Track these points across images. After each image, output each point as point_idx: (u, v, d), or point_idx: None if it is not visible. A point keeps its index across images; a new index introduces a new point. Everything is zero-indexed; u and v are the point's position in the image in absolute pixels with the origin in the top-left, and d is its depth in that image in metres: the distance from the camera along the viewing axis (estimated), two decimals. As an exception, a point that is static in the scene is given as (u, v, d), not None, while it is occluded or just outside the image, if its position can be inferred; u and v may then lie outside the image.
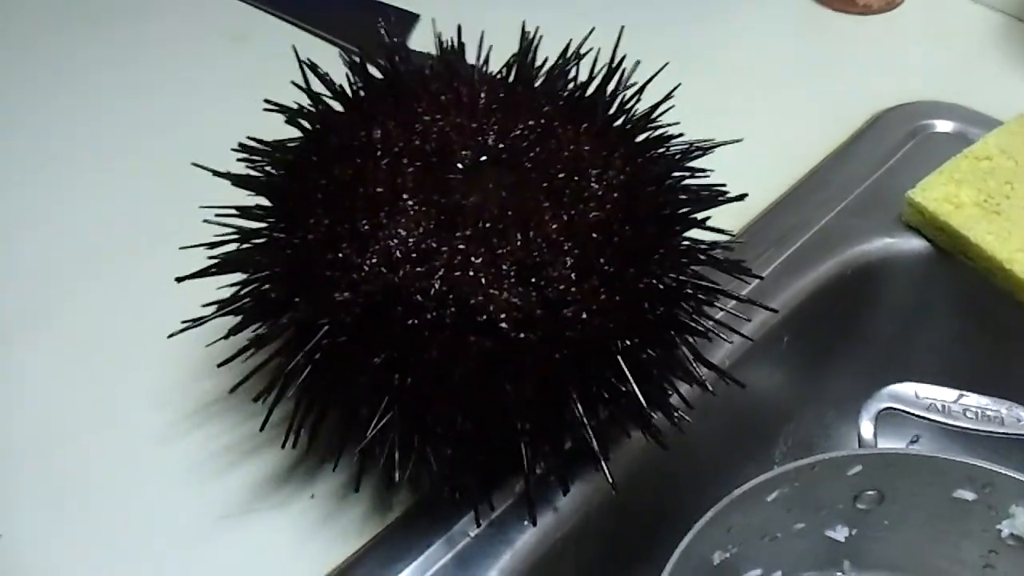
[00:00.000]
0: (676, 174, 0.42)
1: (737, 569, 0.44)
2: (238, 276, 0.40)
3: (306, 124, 0.41)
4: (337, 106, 0.42)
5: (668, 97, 0.43)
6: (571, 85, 0.43)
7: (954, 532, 0.45)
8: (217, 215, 0.40)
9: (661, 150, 0.42)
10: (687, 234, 0.41)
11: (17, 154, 0.60)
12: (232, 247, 0.40)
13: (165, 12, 0.70)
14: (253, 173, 0.41)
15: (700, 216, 0.41)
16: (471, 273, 0.36)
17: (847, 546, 0.46)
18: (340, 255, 0.36)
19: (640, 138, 0.42)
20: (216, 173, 0.41)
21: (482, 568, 0.40)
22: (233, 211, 0.40)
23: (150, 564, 0.42)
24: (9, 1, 0.71)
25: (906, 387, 0.45)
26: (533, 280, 0.36)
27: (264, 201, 0.41)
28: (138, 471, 0.44)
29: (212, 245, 0.40)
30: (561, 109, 0.41)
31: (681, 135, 0.42)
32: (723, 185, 0.42)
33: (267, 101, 0.41)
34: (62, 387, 0.48)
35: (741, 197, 0.41)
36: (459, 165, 0.39)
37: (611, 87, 0.42)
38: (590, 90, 0.42)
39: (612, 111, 0.42)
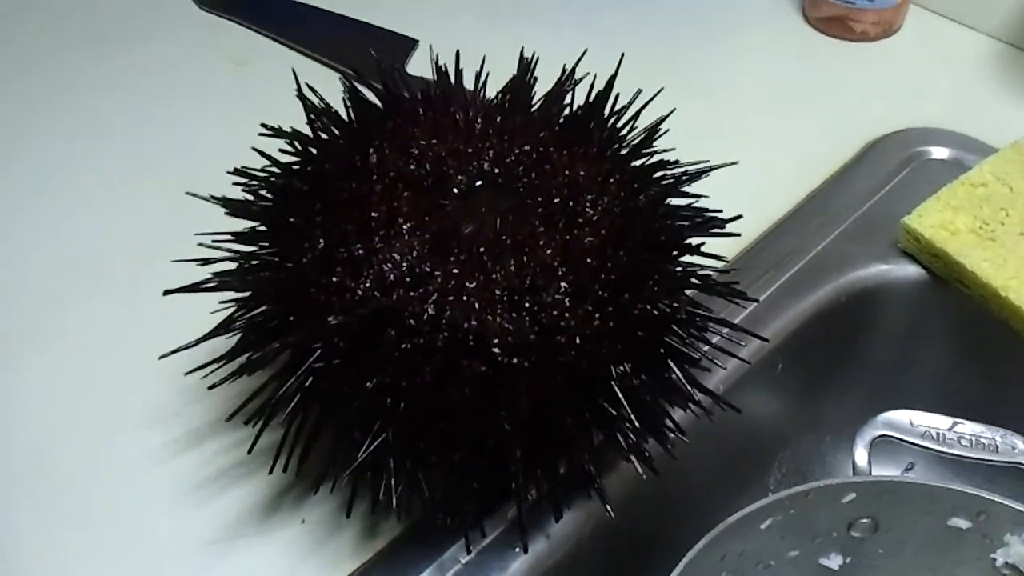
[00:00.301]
0: (671, 200, 0.42)
1: (731, 597, 0.43)
2: (233, 295, 0.40)
3: (303, 148, 0.41)
4: (335, 130, 0.42)
5: (662, 120, 0.43)
6: (567, 111, 0.43)
7: (948, 561, 0.44)
8: (214, 241, 0.40)
9: (657, 175, 0.42)
10: (682, 259, 0.41)
11: (19, 174, 0.60)
12: (230, 265, 0.40)
13: (167, 36, 0.70)
14: (249, 197, 0.41)
15: (695, 242, 0.41)
16: (465, 298, 0.36)
17: (841, 574, 0.45)
18: (334, 279, 0.36)
19: (635, 163, 0.42)
20: (213, 199, 0.41)
21: (474, 594, 0.40)
22: (229, 236, 0.40)
23: (141, 588, 0.41)
24: (11, 23, 0.72)
25: (901, 414, 0.45)
26: (527, 305, 0.36)
27: (260, 225, 0.41)
28: (130, 493, 0.44)
29: (205, 261, 0.40)
30: (557, 134, 0.41)
31: (676, 161, 0.42)
32: (719, 211, 0.42)
33: (264, 125, 0.42)
34: (58, 404, 0.48)
35: (735, 226, 0.41)
36: (454, 190, 0.39)
37: (607, 112, 0.43)
38: (585, 116, 0.43)
39: (607, 136, 0.42)
